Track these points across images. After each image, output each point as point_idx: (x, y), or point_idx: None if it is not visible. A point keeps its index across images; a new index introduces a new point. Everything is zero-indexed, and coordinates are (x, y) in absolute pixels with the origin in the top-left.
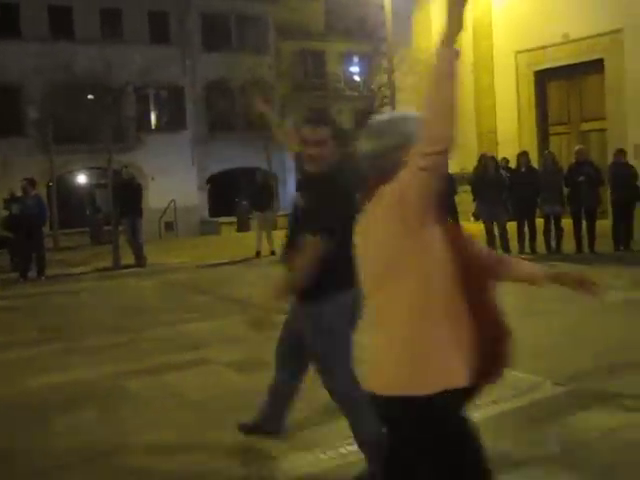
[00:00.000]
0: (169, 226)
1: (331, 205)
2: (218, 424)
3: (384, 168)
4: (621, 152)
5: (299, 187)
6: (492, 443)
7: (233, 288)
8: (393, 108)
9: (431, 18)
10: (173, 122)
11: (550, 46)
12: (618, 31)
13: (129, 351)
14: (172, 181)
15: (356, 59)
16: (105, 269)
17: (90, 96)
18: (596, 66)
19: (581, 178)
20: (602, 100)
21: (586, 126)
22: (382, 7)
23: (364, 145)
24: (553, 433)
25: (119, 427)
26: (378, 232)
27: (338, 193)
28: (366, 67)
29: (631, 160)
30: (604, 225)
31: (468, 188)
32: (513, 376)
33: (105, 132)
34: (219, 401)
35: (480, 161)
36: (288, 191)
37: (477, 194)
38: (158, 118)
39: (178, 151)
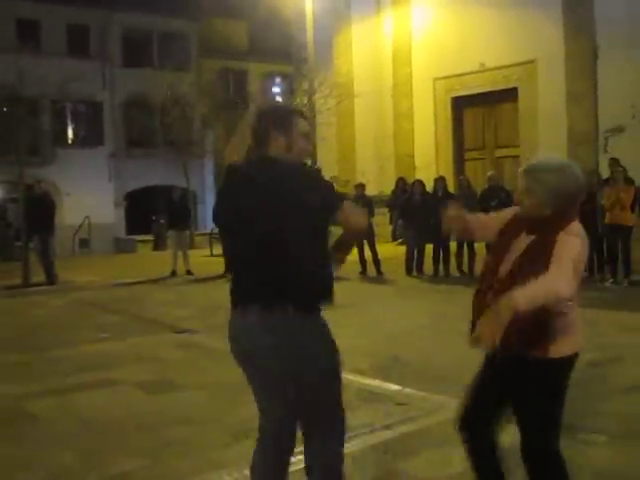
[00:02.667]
0: (84, 243)
1: None
2: (121, 446)
3: (561, 206)
4: None
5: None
6: (400, 463)
7: (145, 307)
8: (313, 130)
9: (352, 42)
10: (90, 137)
11: (467, 74)
12: (531, 62)
13: (33, 371)
14: (88, 197)
15: (278, 80)
16: (14, 286)
17: (4, 108)
18: (511, 94)
19: (493, 202)
20: (516, 127)
21: (500, 152)
22: (304, 30)
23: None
24: (458, 453)
25: (19, 450)
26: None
27: None
28: (287, 88)
29: None
30: None
31: (385, 210)
32: (421, 396)
33: (18, 145)
34: (125, 423)
35: (397, 184)
36: (207, 209)
37: (402, 218)
38: (75, 133)
39: (95, 167)
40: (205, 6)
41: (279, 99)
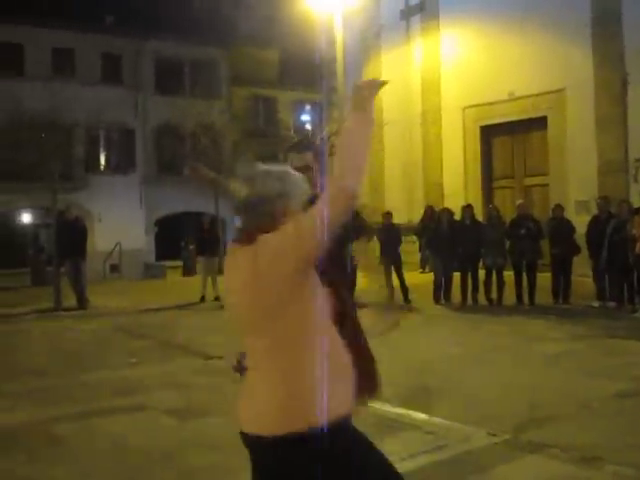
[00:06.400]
0: (114, 268)
1: None
2: (148, 473)
3: (263, 215)
4: (559, 207)
5: None
6: None
7: (175, 333)
8: None
9: (381, 71)
10: (122, 164)
11: (496, 103)
12: (561, 90)
13: (62, 395)
14: (119, 223)
15: (307, 107)
16: (45, 310)
17: (42, 135)
18: (540, 123)
19: (522, 231)
20: (545, 156)
21: (529, 181)
22: (334, 58)
23: (243, 191)
24: None
25: (46, 473)
26: (260, 280)
27: None
28: (317, 116)
29: (572, 216)
30: (545, 278)
31: (414, 238)
32: (448, 425)
33: (51, 171)
34: (152, 449)
35: (426, 212)
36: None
37: (430, 246)
38: (107, 159)
39: (126, 193)
40: (236, 34)
41: (308, 127)
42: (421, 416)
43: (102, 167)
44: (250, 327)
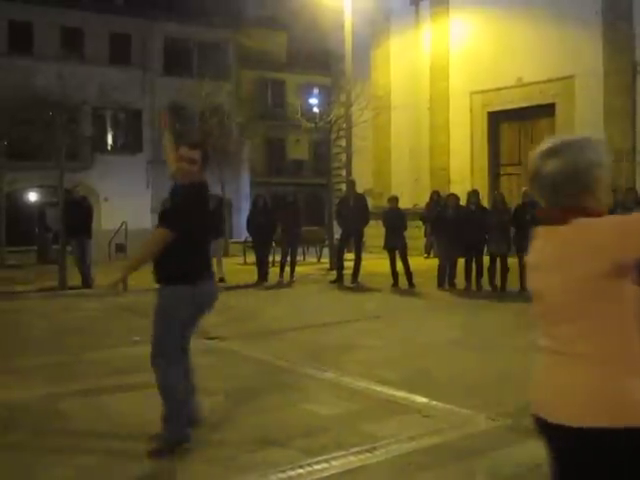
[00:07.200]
0: (120, 248)
1: (185, 209)
2: (147, 449)
3: (573, 189)
4: None
5: (170, 193)
6: (423, 475)
7: None
8: (349, 141)
9: (390, 55)
10: (129, 144)
11: (504, 88)
12: (569, 77)
13: (67, 372)
14: (125, 203)
15: (315, 91)
16: (50, 289)
17: (49, 113)
18: (548, 110)
19: (527, 217)
20: None
21: None
22: (343, 42)
23: (552, 164)
24: (482, 467)
25: (48, 446)
26: (576, 265)
27: (196, 202)
28: (325, 99)
29: None
30: None
31: (419, 223)
32: (448, 410)
33: (58, 150)
34: (151, 425)
35: (432, 198)
36: (242, 218)
37: (435, 230)
38: (114, 139)
39: (133, 173)
40: (244, 16)
41: (316, 110)
42: (421, 399)
43: (109, 147)
44: (561, 310)
